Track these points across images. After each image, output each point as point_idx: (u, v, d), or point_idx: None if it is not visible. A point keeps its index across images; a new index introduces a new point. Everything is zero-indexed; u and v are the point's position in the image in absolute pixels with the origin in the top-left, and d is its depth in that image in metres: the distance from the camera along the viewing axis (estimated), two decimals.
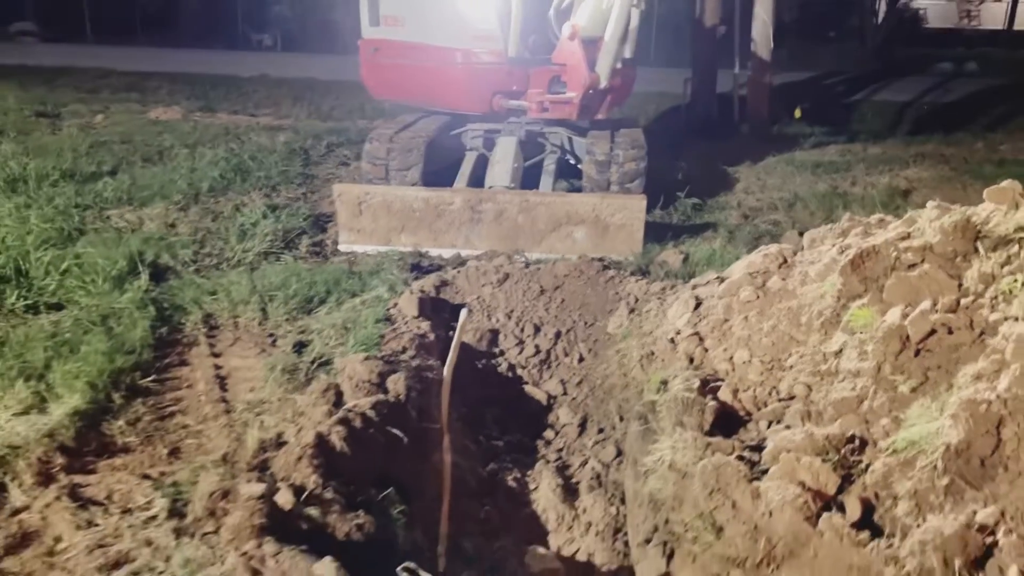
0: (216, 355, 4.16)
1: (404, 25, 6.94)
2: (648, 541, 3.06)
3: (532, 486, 3.76)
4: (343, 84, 16.48)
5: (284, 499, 2.69)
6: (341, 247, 5.86)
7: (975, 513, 2.50)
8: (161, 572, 2.44)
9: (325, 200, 7.18)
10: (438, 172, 6.84)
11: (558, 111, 6.63)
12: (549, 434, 4.19)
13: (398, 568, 2.22)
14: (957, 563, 2.31)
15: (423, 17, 7.00)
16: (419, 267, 5.44)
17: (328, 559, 2.53)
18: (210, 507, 2.71)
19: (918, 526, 2.53)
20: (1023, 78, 18.76)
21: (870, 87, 17.82)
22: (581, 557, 3.47)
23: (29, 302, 4.51)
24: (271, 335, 4.40)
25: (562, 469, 3.91)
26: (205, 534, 2.59)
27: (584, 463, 3.94)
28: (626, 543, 3.44)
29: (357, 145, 9.55)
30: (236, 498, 2.70)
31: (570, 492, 3.73)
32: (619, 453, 3.91)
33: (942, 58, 23.20)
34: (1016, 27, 33.40)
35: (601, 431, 4.10)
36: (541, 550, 3.38)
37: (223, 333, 4.43)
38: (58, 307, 4.55)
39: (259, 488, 2.73)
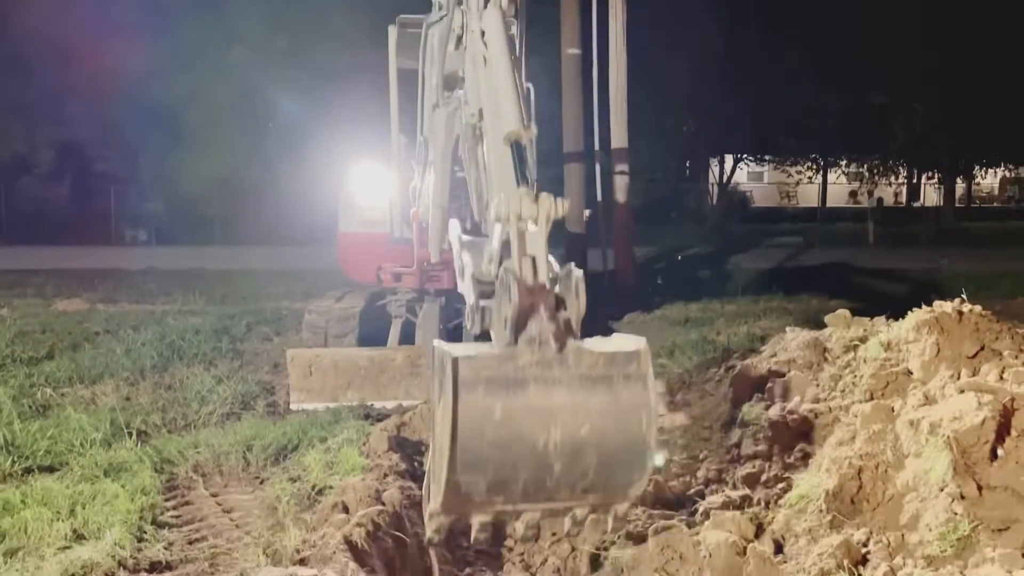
0: (214, 495, 4.72)
1: (341, 218, 8.33)
2: None
3: None
4: (229, 273, 17.24)
5: None
6: (293, 406, 6.52)
7: (852, 534, 3.49)
8: None
9: (261, 370, 7.83)
10: (366, 338, 7.70)
11: (407, 281, 7.84)
12: (509, 543, 4.93)
13: None
14: (846, 563, 3.26)
15: (346, 209, 8.39)
16: (370, 416, 6.18)
17: None
18: None
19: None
20: (839, 246, 21.93)
21: (714, 257, 20.25)
22: None
23: (25, 466, 4.93)
24: (257, 477, 5.01)
25: (527, 568, 4.65)
26: None
27: (544, 561, 4.69)
28: None
29: (273, 323, 10.31)
30: None
31: None
32: (573, 549, 4.70)
33: (770, 233, 26.56)
34: (829, 204, 38.46)
35: (554, 534, 4.88)
36: None
37: (212, 479, 5.00)
38: (50, 469, 4.98)
39: (311, 572, 3.40)
